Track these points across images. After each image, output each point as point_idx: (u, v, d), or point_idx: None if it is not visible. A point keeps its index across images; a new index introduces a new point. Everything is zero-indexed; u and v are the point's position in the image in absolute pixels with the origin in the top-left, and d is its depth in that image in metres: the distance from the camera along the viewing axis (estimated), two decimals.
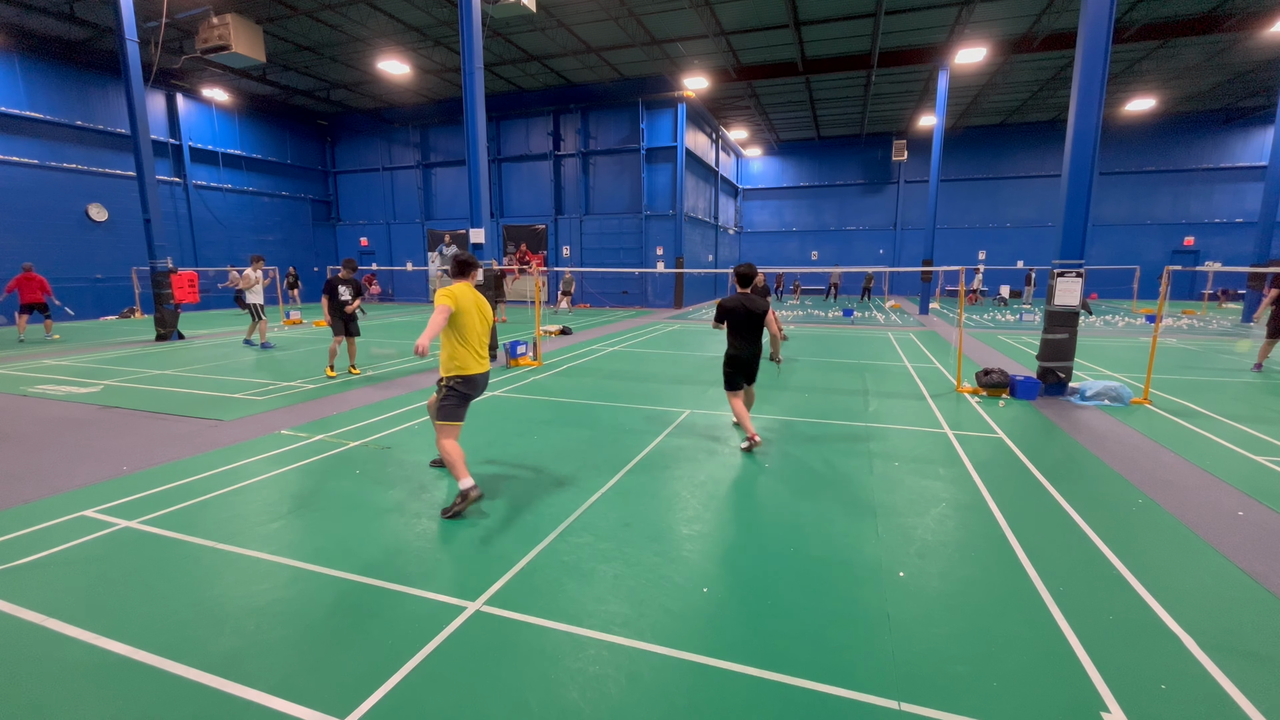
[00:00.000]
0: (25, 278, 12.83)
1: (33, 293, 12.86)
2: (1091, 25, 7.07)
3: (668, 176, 22.45)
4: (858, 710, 2.26)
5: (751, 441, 5.31)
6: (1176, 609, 2.90)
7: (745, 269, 5.25)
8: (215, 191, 22.79)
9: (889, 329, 15.50)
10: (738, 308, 5.27)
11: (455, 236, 25.69)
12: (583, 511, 4.04)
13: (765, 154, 32.94)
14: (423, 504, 4.19)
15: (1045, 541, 3.62)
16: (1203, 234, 26.93)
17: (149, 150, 12.50)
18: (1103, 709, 2.26)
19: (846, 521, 3.91)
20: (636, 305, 23.66)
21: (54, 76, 17.84)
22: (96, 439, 5.71)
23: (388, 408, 6.91)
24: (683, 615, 2.87)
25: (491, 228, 20.33)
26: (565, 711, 2.25)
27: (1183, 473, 4.82)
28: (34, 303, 12.90)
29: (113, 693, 2.35)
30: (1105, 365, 9.80)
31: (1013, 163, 29.01)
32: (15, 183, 17.01)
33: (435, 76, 21.54)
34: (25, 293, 12.80)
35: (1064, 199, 7.42)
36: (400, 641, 2.65)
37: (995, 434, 5.92)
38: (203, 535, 3.69)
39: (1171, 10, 15.93)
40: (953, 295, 28.97)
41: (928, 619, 2.83)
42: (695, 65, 20.07)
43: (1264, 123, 25.11)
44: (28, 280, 12.83)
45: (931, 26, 16.99)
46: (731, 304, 5.29)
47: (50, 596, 3.03)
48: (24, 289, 12.79)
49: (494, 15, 12.09)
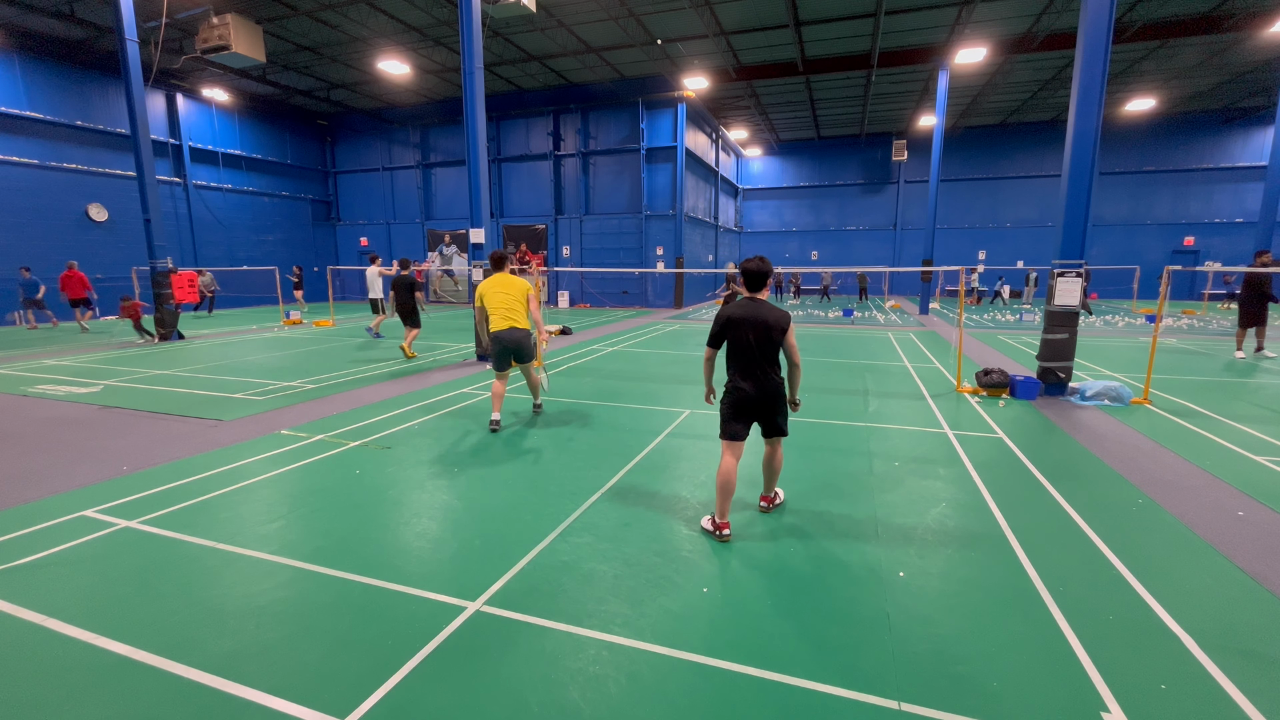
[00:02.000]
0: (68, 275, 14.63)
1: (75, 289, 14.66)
2: (1091, 25, 7.07)
3: (668, 176, 22.45)
4: (858, 710, 2.26)
5: (719, 535, 3.63)
6: (1176, 609, 2.90)
7: (756, 265, 3.64)
8: (215, 191, 22.79)
9: (889, 329, 15.50)
10: (746, 319, 3.58)
11: (455, 236, 25.68)
12: (583, 511, 4.04)
13: (765, 154, 32.94)
14: (423, 504, 4.19)
15: (1045, 541, 3.62)
16: (1203, 234, 26.93)
17: (149, 150, 12.50)
18: (1103, 709, 2.26)
19: (846, 521, 3.90)
20: (636, 305, 23.66)
21: (54, 76, 17.84)
22: (96, 439, 5.71)
23: (388, 408, 6.91)
24: (683, 615, 2.87)
25: (491, 228, 20.30)
26: (565, 711, 2.25)
27: (1183, 473, 4.82)
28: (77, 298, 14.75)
29: (113, 693, 2.35)
30: (1105, 365, 9.80)
31: (1013, 163, 29.00)
32: (15, 183, 17.01)
33: (435, 76, 21.54)
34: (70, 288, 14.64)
35: (1064, 199, 7.42)
36: (400, 641, 2.65)
37: (995, 434, 5.92)
38: (203, 535, 3.69)
39: (1171, 10, 15.93)
40: (953, 295, 28.97)
41: (928, 619, 2.83)
42: (695, 65, 20.07)
43: (1264, 123, 25.11)
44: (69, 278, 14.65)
45: (931, 26, 16.99)
46: (738, 314, 3.60)
47: (50, 596, 3.03)
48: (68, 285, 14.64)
49: (494, 15, 12.09)
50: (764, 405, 3.66)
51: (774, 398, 3.66)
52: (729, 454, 3.70)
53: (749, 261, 3.67)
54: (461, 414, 6.62)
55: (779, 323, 3.57)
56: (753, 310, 3.60)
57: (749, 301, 3.65)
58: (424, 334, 13.62)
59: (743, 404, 3.66)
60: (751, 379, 3.63)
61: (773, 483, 4.05)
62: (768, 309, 3.59)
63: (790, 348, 3.66)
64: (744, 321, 3.59)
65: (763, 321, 3.55)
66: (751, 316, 3.58)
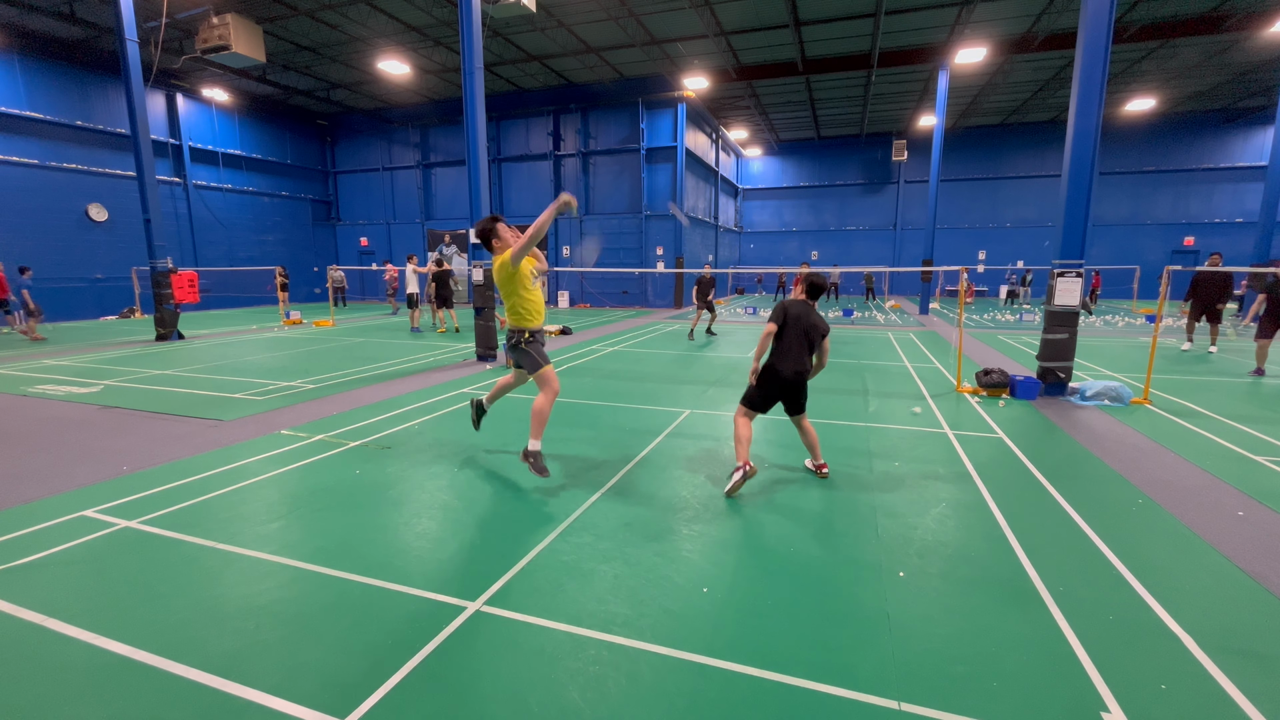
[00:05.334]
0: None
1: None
2: (1091, 25, 7.07)
3: (668, 176, 22.46)
4: (858, 710, 2.26)
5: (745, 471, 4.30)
6: (1176, 609, 2.90)
7: (819, 279, 4.61)
8: (215, 191, 22.80)
9: (889, 329, 15.50)
10: (800, 315, 4.49)
11: (455, 236, 25.69)
12: (583, 511, 4.04)
13: (765, 154, 32.94)
14: (423, 504, 4.19)
15: (1045, 541, 3.62)
16: (1203, 234, 26.92)
17: (149, 150, 12.50)
18: (1103, 709, 2.26)
19: (846, 521, 3.91)
20: (636, 305, 23.66)
21: (54, 76, 17.85)
22: (96, 439, 5.71)
23: (388, 408, 6.91)
24: (683, 615, 2.86)
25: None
26: (565, 711, 2.25)
27: (1183, 473, 4.82)
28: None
29: (113, 693, 2.35)
30: (1105, 365, 9.80)
31: (1013, 163, 29.01)
32: (15, 183, 17.02)
33: (435, 76, 21.54)
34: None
35: (1064, 199, 7.42)
36: (400, 641, 2.65)
37: (995, 434, 5.92)
38: (203, 535, 3.69)
39: (1171, 10, 15.93)
40: (953, 295, 28.97)
41: (928, 619, 2.83)
42: (695, 65, 20.07)
43: (1264, 123, 25.11)
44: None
45: (931, 26, 17.00)
46: (796, 310, 4.51)
47: (50, 596, 3.03)
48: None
49: (494, 15, 12.09)
50: (792, 387, 4.55)
51: (802, 381, 4.57)
52: (744, 418, 4.54)
53: (813, 276, 4.64)
54: (462, 414, 6.62)
55: (822, 327, 4.54)
56: (806, 311, 4.56)
57: (804, 304, 4.61)
58: (424, 334, 14.37)
59: (775, 383, 4.51)
60: (789, 363, 4.49)
61: (818, 450, 4.77)
62: (817, 315, 4.60)
63: (824, 350, 4.60)
64: (799, 317, 4.51)
65: (811, 323, 4.53)
66: (804, 315, 4.53)
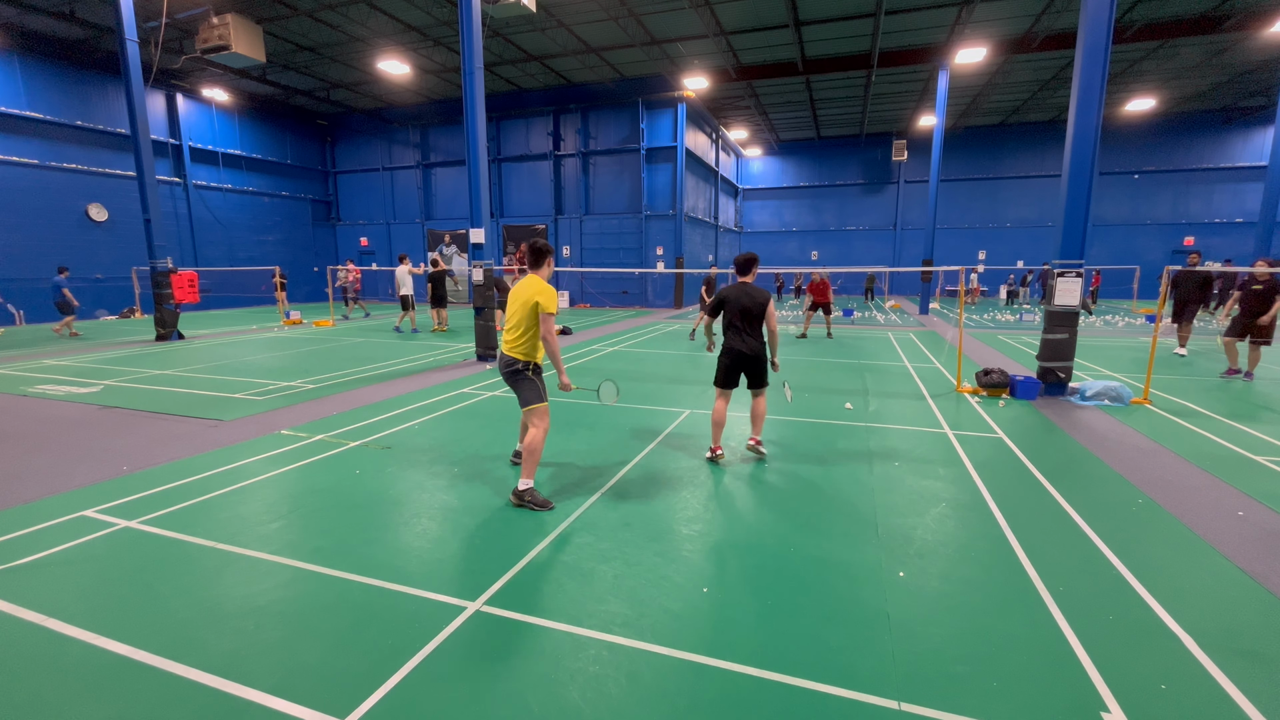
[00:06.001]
0: None
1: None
2: (1091, 25, 7.07)
3: (668, 176, 22.45)
4: (858, 710, 2.26)
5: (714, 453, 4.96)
6: (1176, 609, 2.90)
7: (743, 257, 4.90)
8: (215, 191, 22.79)
9: (889, 329, 15.50)
10: (737, 297, 4.82)
11: (455, 236, 25.68)
12: (583, 511, 4.04)
13: (765, 154, 32.94)
14: (423, 504, 4.19)
15: (1045, 541, 3.62)
16: (1203, 234, 26.91)
17: (149, 150, 12.50)
18: (1103, 709, 2.26)
19: (846, 521, 3.91)
20: (636, 305, 23.66)
21: (54, 76, 17.85)
22: (96, 439, 5.71)
23: (388, 408, 6.90)
24: (683, 615, 2.87)
25: (491, 228, 20.30)
26: (565, 711, 2.25)
27: (1183, 473, 4.82)
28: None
29: (113, 693, 2.35)
30: (1105, 365, 9.80)
31: (1013, 163, 29.01)
32: (15, 183, 17.02)
33: (435, 76, 21.54)
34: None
35: (1064, 199, 7.42)
36: (400, 641, 2.65)
37: (995, 434, 5.92)
38: (203, 535, 3.69)
39: (1171, 10, 15.93)
40: (953, 295, 28.97)
41: (928, 619, 2.83)
42: (695, 65, 20.07)
43: (1264, 123, 25.11)
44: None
45: (931, 26, 16.99)
46: (732, 293, 4.84)
47: (50, 596, 3.03)
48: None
49: (494, 15, 12.09)
50: (751, 362, 4.84)
51: (758, 357, 4.85)
52: (721, 399, 4.99)
53: (739, 256, 4.91)
54: (461, 414, 6.62)
55: (760, 298, 4.81)
56: (741, 292, 4.84)
57: (739, 286, 4.88)
58: (424, 335, 14.30)
59: (735, 361, 4.86)
60: (741, 341, 4.84)
61: (759, 426, 5.08)
62: (754, 289, 4.84)
63: (770, 317, 4.83)
64: (735, 299, 4.82)
65: (748, 300, 4.81)
66: (740, 295, 4.82)
